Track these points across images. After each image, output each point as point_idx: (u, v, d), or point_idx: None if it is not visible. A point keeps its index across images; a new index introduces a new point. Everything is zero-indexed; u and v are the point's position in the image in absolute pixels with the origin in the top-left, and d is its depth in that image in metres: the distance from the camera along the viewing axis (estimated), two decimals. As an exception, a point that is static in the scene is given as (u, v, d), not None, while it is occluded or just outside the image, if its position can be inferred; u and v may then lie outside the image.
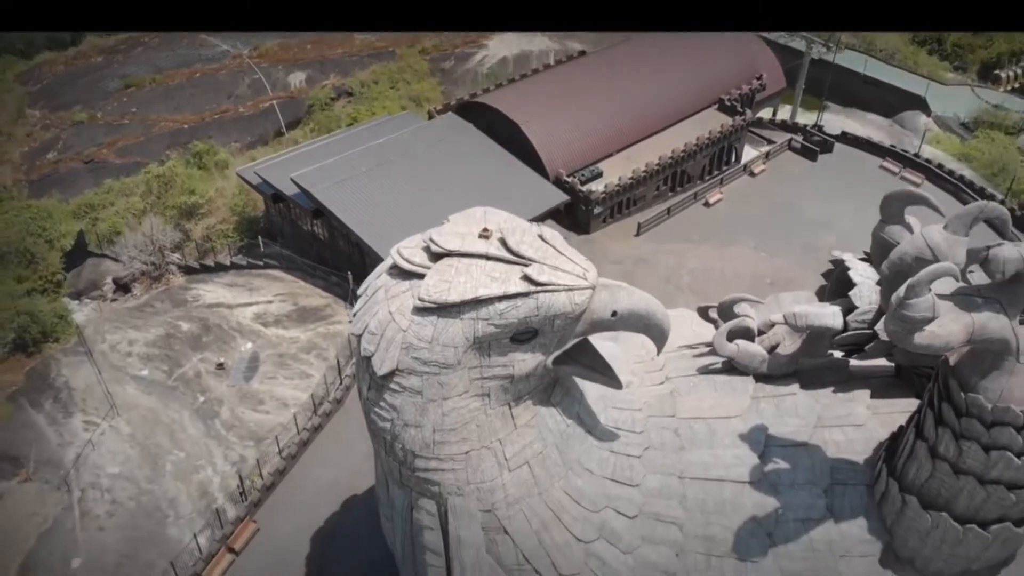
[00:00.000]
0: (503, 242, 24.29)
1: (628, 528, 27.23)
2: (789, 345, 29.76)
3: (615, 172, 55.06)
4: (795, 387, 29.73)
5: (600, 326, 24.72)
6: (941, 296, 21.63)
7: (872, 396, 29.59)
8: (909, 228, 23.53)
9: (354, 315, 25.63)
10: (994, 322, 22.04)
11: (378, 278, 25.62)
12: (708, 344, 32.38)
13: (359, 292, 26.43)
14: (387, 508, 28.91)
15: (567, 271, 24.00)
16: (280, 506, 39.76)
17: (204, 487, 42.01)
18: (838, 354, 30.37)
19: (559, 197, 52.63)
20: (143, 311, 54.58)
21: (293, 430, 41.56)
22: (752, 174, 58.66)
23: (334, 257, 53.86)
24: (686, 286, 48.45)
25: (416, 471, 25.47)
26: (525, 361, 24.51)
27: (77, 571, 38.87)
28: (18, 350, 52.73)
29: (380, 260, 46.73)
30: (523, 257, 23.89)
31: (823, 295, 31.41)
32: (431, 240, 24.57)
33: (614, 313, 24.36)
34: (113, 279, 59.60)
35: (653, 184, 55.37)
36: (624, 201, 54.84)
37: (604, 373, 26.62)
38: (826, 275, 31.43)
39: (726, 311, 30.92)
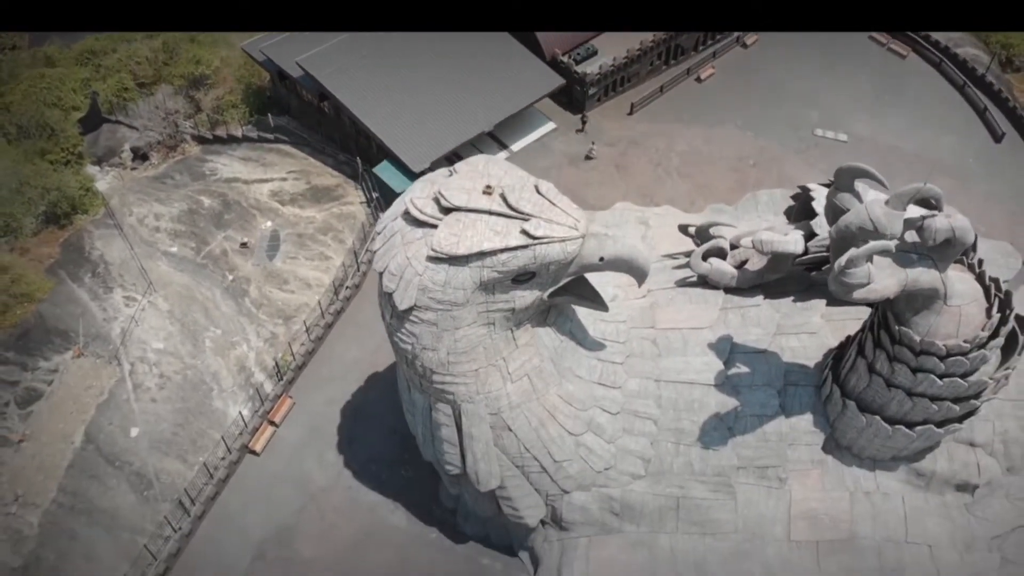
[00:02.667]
0: (504, 198, 27.71)
1: (611, 422, 32.40)
2: (756, 262, 33.65)
3: (611, 49, 55.74)
4: (759, 299, 33.99)
5: (589, 268, 28.60)
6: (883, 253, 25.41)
7: (828, 304, 33.83)
8: (858, 196, 26.75)
9: (374, 252, 29.45)
10: (925, 275, 26.01)
11: (394, 220, 29.16)
12: (686, 254, 36.31)
13: (377, 229, 30.13)
14: (409, 405, 33.93)
15: (560, 223, 27.58)
16: (311, 382, 45.15)
17: (241, 362, 47.30)
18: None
19: (555, 81, 54.03)
20: (164, 183, 57.54)
21: (318, 312, 46.19)
22: (744, 45, 59.25)
23: (341, 136, 55.99)
24: (675, 170, 51.26)
25: (434, 384, 30.22)
26: (524, 297, 28.64)
27: (137, 439, 44.79)
28: (50, 223, 56.20)
29: (385, 145, 49.83)
30: (522, 212, 27.39)
31: (791, 215, 34.76)
32: (440, 194, 27.86)
33: (601, 259, 28.14)
34: (131, 147, 62.02)
35: (648, 60, 56.35)
36: (619, 79, 56.02)
37: (592, 300, 30.79)
38: (795, 197, 34.54)
39: (703, 232, 34.48)
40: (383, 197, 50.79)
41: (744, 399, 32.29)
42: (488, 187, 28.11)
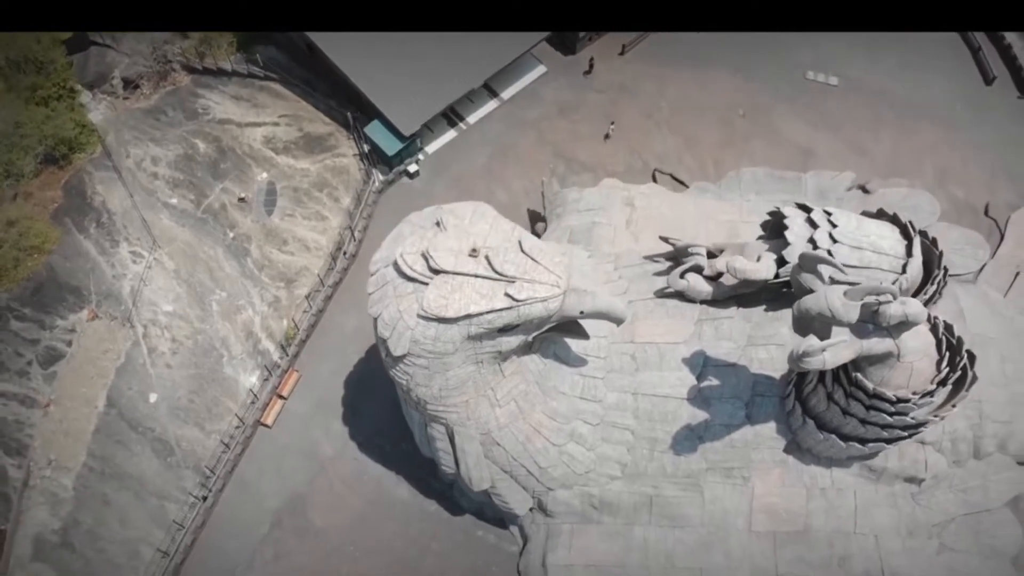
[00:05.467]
0: (489, 261, 29.32)
1: (592, 432, 35.40)
2: (731, 278, 35.40)
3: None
4: (733, 310, 36.10)
5: (570, 318, 30.63)
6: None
7: (798, 312, 35.86)
8: (820, 277, 28.14)
9: (369, 296, 31.43)
10: (879, 345, 28.08)
11: (386, 267, 30.97)
12: (666, 256, 37.92)
13: (370, 269, 31.88)
14: (407, 414, 36.87)
15: (543, 282, 29.39)
16: (315, 354, 47.51)
17: (248, 327, 49.66)
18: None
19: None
20: (158, 119, 57.62)
21: (318, 281, 48.01)
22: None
23: (331, 79, 55.15)
24: (664, 122, 50.94)
25: (428, 411, 33.00)
26: (511, 342, 30.90)
27: (156, 405, 47.94)
28: (49, 163, 57.00)
29: (370, 100, 49.73)
30: (506, 276, 29.12)
31: (767, 231, 35.99)
32: (429, 255, 29.45)
33: (581, 312, 30.12)
34: (122, 77, 61.64)
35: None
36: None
37: (575, 332, 32.98)
38: (769, 219, 35.50)
39: (682, 252, 35.94)
40: (374, 153, 51.38)
41: (713, 411, 35.10)
42: (474, 250, 29.64)
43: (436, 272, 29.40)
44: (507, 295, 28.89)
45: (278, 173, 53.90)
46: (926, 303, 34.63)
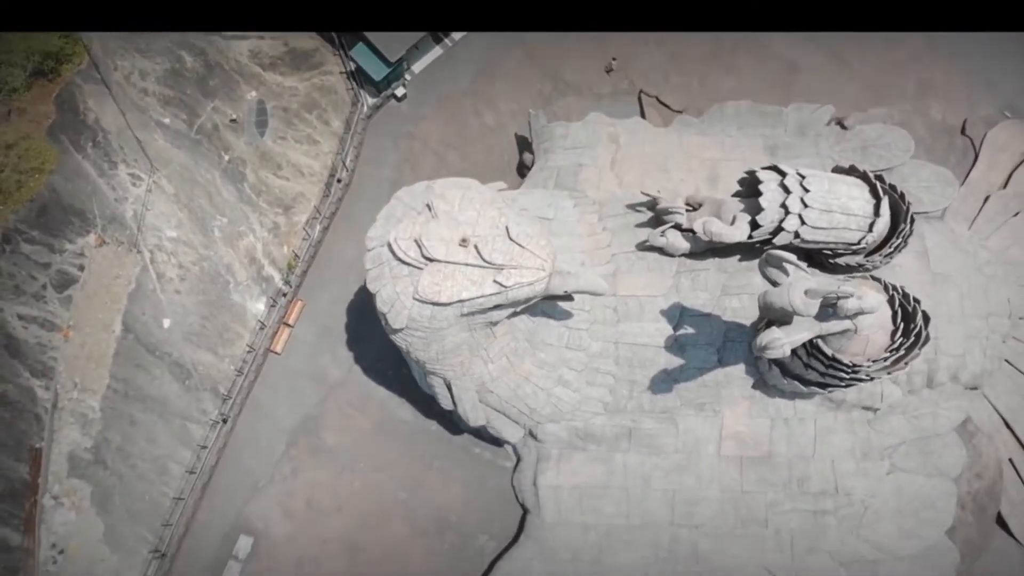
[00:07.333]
0: (478, 250, 31.38)
1: (577, 377, 38.59)
2: (707, 234, 37.38)
3: None
4: (709, 262, 38.45)
5: (555, 296, 33.08)
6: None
7: (770, 261, 38.17)
8: (785, 272, 29.98)
9: (367, 272, 33.72)
10: (838, 326, 30.65)
11: (382, 247, 33.04)
12: (648, 206, 39.72)
13: (366, 245, 33.95)
14: (406, 359, 39.88)
15: (529, 267, 31.66)
16: (317, 283, 49.49)
17: (251, 253, 51.50)
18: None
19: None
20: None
21: (314, 210, 49.44)
22: None
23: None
24: (651, 36, 50.33)
25: (426, 369, 36.04)
26: (501, 314, 33.51)
27: (170, 330, 50.67)
28: (39, 75, 56.92)
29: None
30: (494, 264, 31.28)
31: (742, 187, 37.46)
32: (422, 244, 31.48)
33: (565, 292, 32.55)
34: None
35: None
36: None
37: (560, 296, 35.44)
38: (743, 179, 36.70)
39: (662, 212, 37.64)
40: (361, 73, 51.43)
41: (688, 356, 38.16)
42: (464, 240, 31.59)
43: (429, 260, 31.52)
44: (496, 282, 31.20)
45: (267, 92, 54.11)
46: (890, 254, 36.91)
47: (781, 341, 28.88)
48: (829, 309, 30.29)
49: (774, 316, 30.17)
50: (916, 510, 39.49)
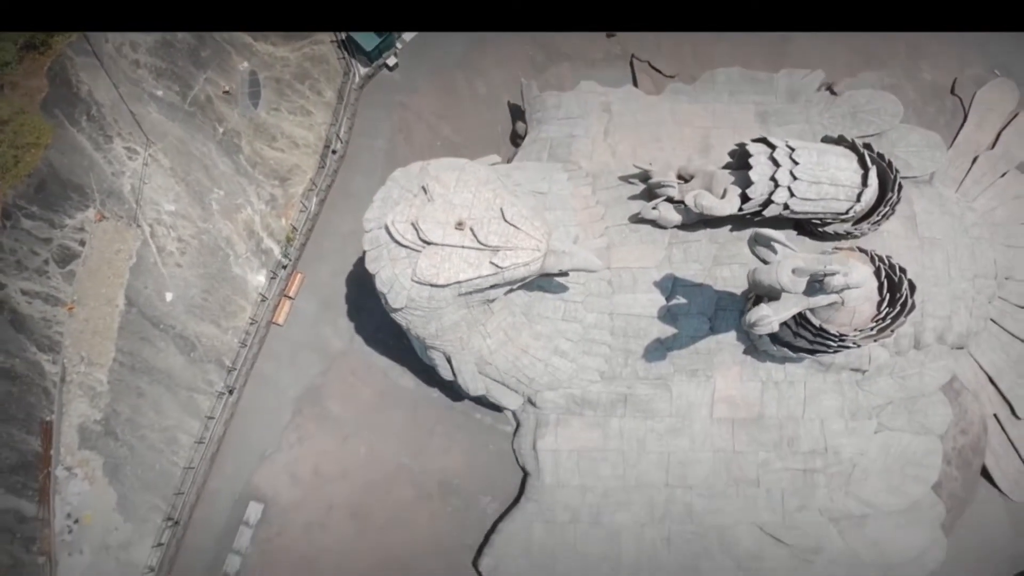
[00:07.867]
0: (474, 233, 32.11)
1: (573, 347, 39.64)
2: (699, 205, 38.05)
3: None
4: (701, 233, 39.20)
5: (550, 275, 33.90)
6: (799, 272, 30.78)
7: (761, 230, 38.95)
8: (773, 250, 30.69)
9: (365, 253, 34.53)
10: (825, 299, 31.55)
11: (379, 229, 33.81)
12: (641, 178, 40.29)
13: (364, 226, 34.72)
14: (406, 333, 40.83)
15: (524, 247, 32.46)
16: (316, 255, 49.97)
17: (249, 226, 51.98)
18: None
19: None
20: (125, -5, 56.64)
21: (310, 182, 49.76)
22: None
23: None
24: (643, 0, 50.58)
25: (426, 344, 37.04)
26: (497, 293, 34.38)
27: (173, 303, 51.23)
28: (30, 49, 56.71)
29: None
30: (490, 246, 32.05)
31: (732, 158, 37.98)
32: (419, 227, 32.22)
33: (560, 270, 33.38)
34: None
35: None
36: None
37: (555, 273, 36.25)
38: (733, 151, 37.15)
39: (654, 186, 38.21)
40: (351, 42, 51.32)
41: (680, 325, 39.16)
42: (460, 223, 32.28)
43: (426, 243, 32.27)
44: (492, 263, 32.01)
45: (259, 62, 54.06)
46: (878, 222, 37.68)
47: (770, 318, 29.82)
48: (816, 284, 31.15)
49: (763, 292, 31.06)
50: (903, 467, 40.97)
